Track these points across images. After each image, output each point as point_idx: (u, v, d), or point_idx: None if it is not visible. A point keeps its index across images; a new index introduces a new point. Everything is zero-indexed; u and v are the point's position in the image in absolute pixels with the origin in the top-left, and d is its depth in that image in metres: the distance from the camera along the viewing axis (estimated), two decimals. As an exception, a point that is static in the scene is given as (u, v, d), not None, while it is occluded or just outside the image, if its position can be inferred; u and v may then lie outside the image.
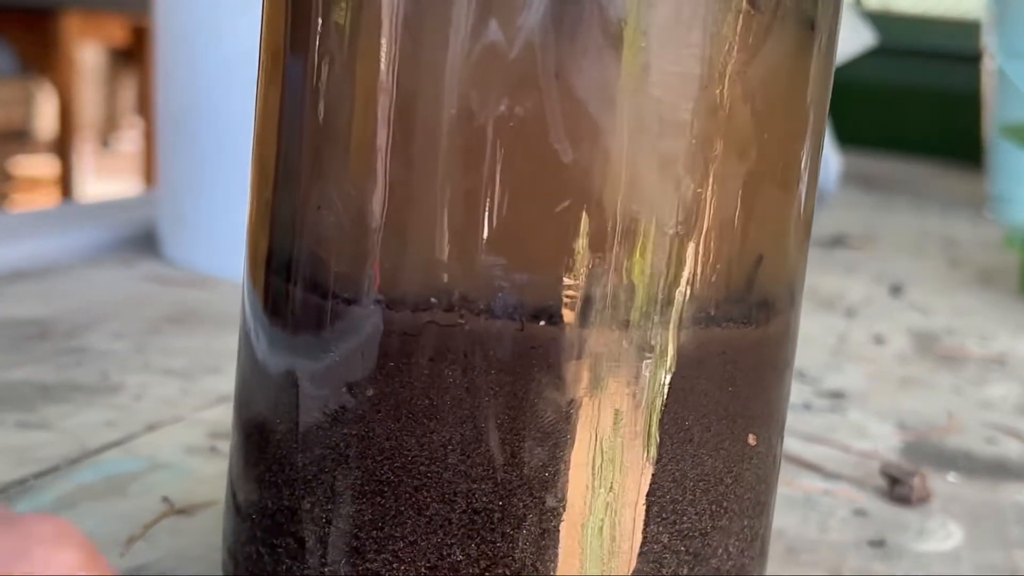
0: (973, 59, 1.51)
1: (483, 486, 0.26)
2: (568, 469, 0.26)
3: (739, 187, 0.27)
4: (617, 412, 0.26)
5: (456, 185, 0.26)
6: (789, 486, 0.48)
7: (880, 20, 1.85)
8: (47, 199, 2.80)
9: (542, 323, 0.26)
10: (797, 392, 0.62)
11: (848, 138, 1.57)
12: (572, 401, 0.26)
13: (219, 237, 0.75)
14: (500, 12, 0.25)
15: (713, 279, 0.27)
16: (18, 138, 2.97)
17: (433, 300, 0.26)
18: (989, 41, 1.40)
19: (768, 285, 0.28)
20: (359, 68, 0.26)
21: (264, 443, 0.29)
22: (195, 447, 0.46)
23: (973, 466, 0.53)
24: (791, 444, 0.53)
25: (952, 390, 0.66)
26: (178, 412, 0.49)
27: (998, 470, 0.53)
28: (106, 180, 3.21)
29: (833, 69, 0.30)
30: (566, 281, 0.26)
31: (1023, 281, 0.95)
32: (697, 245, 0.27)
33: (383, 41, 0.26)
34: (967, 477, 0.52)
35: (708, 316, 0.27)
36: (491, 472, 0.26)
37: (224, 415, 0.49)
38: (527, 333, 0.26)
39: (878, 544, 0.43)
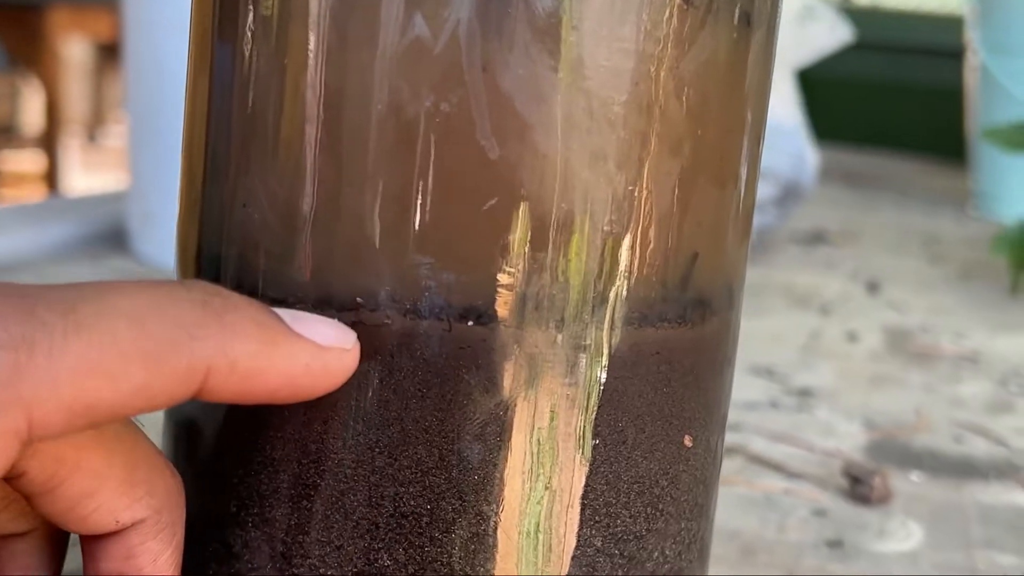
0: (957, 55, 1.51)
1: (411, 489, 0.26)
2: (498, 472, 0.26)
3: (674, 184, 0.26)
4: (548, 414, 0.26)
5: (382, 182, 0.25)
6: (750, 486, 0.48)
7: (865, 15, 1.85)
8: (33, 194, 2.79)
9: (470, 323, 0.25)
10: (764, 390, 0.62)
11: (831, 134, 1.57)
12: (502, 403, 0.26)
13: (187, 233, 0.74)
14: (426, 5, 0.24)
15: (647, 278, 0.26)
16: (4, 133, 2.96)
17: (359, 300, 0.25)
18: (972, 36, 1.39)
19: (704, 284, 0.28)
20: (285, 62, 0.26)
21: (191, 446, 0.28)
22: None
23: (938, 465, 0.53)
24: (755, 443, 0.53)
25: (923, 388, 0.66)
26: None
27: (964, 469, 0.53)
28: (92, 175, 3.20)
29: (773, 65, 0.29)
30: (495, 280, 0.25)
31: (1014, 281, 0.94)
32: (630, 243, 0.26)
33: (309, 34, 0.25)
34: (931, 476, 0.51)
35: (642, 316, 0.27)
36: (419, 475, 0.26)
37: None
38: (455, 334, 0.25)
39: (836, 544, 0.43)
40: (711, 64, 0.26)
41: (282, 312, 0.24)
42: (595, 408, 0.26)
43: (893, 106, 1.92)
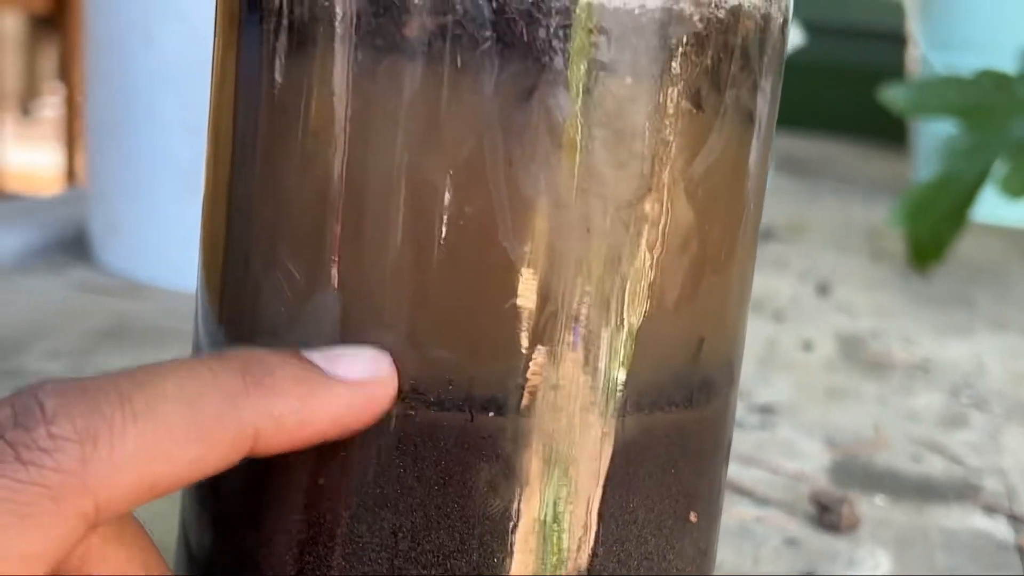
0: (900, 38, 1.53)
1: (433, 572, 0.27)
2: (517, 555, 0.27)
3: (682, 277, 0.28)
4: (564, 499, 0.27)
5: (406, 282, 0.26)
6: (725, 514, 0.49)
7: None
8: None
9: (491, 414, 0.26)
10: (729, 408, 0.63)
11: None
12: (520, 490, 0.27)
13: (154, 244, 0.74)
14: (451, 113, 0.25)
15: (657, 366, 0.28)
16: (-64, 107, 2.91)
17: (385, 392, 0.26)
18: (913, 30, 1.42)
19: (709, 366, 0.29)
20: (306, 164, 0.27)
21: (214, 519, 0.29)
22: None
23: (900, 486, 0.55)
24: (724, 466, 0.55)
25: (878, 400, 0.68)
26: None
27: (924, 490, 0.55)
28: (27, 147, 3.15)
29: (771, 153, 0.30)
30: (515, 373, 0.26)
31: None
32: (642, 335, 0.27)
33: (332, 147, 0.26)
34: (894, 500, 0.53)
35: (652, 401, 0.28)
36: (441, 559, 0.27)
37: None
38: (476, 424, 0.27)
39: (809, 577, 0.45)
40: (719, 163, 0.28)
41: (315, 355, 0.26)
42: (608, 491, 0.28)
43: (835, 89, 1.94)
